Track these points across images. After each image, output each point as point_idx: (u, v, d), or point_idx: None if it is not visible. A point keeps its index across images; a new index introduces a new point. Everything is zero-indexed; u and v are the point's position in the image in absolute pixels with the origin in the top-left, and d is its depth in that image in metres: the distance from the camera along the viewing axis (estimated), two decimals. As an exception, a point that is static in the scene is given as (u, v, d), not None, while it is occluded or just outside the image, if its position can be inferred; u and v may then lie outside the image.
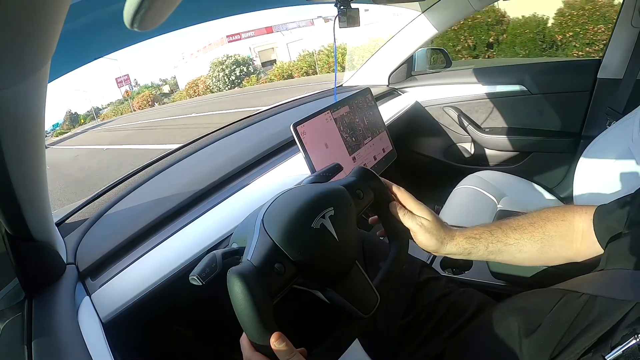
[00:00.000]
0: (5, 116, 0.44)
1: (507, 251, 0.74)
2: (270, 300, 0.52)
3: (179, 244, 0.91)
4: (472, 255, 0.75)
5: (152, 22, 0.31)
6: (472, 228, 0.77)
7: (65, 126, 31.66)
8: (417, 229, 0.73)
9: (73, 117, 32.92)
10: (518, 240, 0.73)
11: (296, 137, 1.06)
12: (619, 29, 1.70)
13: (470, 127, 2.10)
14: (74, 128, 30.75)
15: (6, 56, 0.34)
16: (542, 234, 0.73)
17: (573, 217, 0.72)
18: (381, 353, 0.85)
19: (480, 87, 2.06)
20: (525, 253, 0.74)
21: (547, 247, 0.73)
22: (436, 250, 0.75)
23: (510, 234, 0.74)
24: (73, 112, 33.45)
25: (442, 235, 0.74)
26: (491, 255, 0.75)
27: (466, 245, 0.74)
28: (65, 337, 0.65)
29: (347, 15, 1.33)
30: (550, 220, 0.73)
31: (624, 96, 1.66)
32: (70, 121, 32.62)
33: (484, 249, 0.74)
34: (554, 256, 0.74)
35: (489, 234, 0.75)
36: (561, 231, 0.72)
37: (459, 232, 0.76)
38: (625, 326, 0.50)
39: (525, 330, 0.62)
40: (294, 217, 0.59)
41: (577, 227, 0.72)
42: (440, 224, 0.75)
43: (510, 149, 2.06)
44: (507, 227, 0.75)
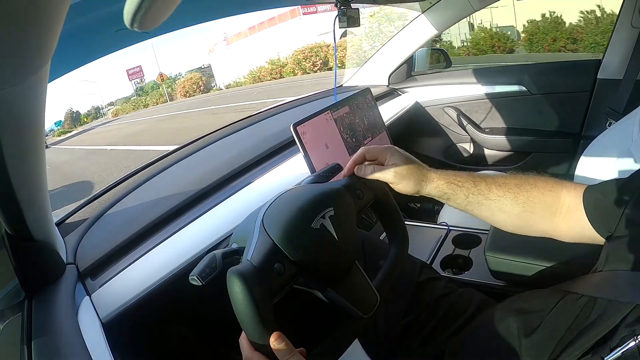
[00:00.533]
0: (6, 116, 0.44)
1: (487, 206, 0.72)
2: (270, 300, 0.52)
3: (179, 244, 0.91)
4: (450, 202, 0.74)
5: (152, 22, 0.31)
6: (455, 173, 0.74)
7: (66, 125, 30.46)
8: (391, 178, 0.71)
9: (75, 115, 31.72)
10: (500, 198, 0.71)
11: (296, 137, 1.06)
12: (619, 29, 1.70)
13: (470, 127, 2.10)
14: (84, 124, 29.31)
15: (6, 56, 0.34)
16: (526, 198, 0.70)
17: (561, 190, 0.70)
18: (381, 353, 0.85)
19: (480, 87, 2.06)
20: (505, 213, 0.72)
21: (527, 214, 0.71)
22: (416, 192, 0.73)
23: (493, 189, 0.72)
24: (75, 110, 31.78)
25: (419, 177, 0.72)
26: (469, 207, 0.73)
27: (446, 189, 0.72)
28: (65, 337, 0.65)
29: (347, 15, 1.33)
30: (537, 187, 0.71)
31: (624, 96, 1.66)
32: (72, 120, 31.40)
33: (464, 198, 0.72)
34: (533, 225, 0.72)
35: (472, 184, 0.72)
36: (546, 200, 0.70)
37: (440, 175, 0.73)
38: (624, 327, 0.50)
39: (525, 331, 0.62)
40: (294, 217, 0.59)
41: (563, 201, 0.70)
42: (415, 164, 0.73)
43: (510, 149, 2.06)
44: (492, 181, 0.73)
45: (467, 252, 1.23)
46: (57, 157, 11.44)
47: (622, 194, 0.62)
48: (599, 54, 1.84)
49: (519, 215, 0.71)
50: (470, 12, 1.88)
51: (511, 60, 8.60)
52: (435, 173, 0.74)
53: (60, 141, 19.40)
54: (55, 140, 19.77)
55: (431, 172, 0.74)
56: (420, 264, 0.93)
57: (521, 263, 0.97)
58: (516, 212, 0.71)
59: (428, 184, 0.73)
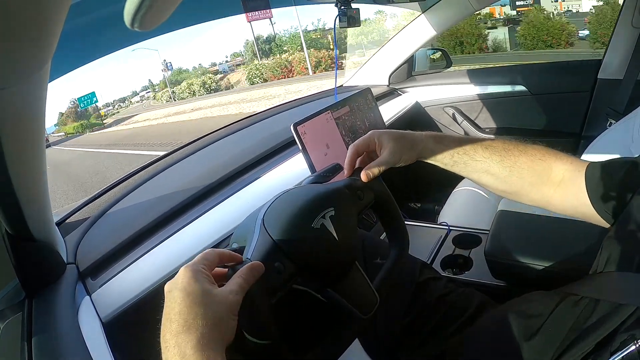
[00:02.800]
0: (6, 116, 0.44)
1: (473, 167, 0.73)
2: (268, 298, 0.52)
3: (180, 243, 0.91)
4: (437, 161, 0.75)
5: (152, 22, 0.31)
6: (442, 134, 0.76)
7: (69, 122, 29.93)
8: (391, 159, 0.72)
9: (79, 113, 31.26)
10: (486, 159, 0.72)
11: (296, 137, 1.06)
12: (620, 29, 1.70)
13: (471, 128, 2.10)
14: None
15: (6, 56, 0.34)
16: (513, 163, 0.71)
17: (554, 162, 0.70)
18: (381, 353, 0.85)
19: (481, 87, 2.06)
20: (491, 175, 0.72)
21: (515, 178, 0.71)
22: (416, 159, 0.75)
23: (479, 150, 0.73)
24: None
25: (410, 144, 0.73)
26: (456, 166, 0.74)
27: (433, 147, 0.74)
28: (65, 337, 0.65)
29: (348, 15, 1.33)
30: (527, 154, 0.71)
31: (625, 96, 1.66)
32: (76, 116, 30.95)
33: (450, 157, 0.74)
34: (522, 192, 0.73)
35: (458, 144, 0.74)
36: (535, 168, 0.70)
37: (426, 136, 0.75)
38: (624, 331, 0.50)
39: (526, 333, 0.62)
40: (294, 216, 0.59)
41: (556, 172, 0.69)
42: (402, 137, 0.74)
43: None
44: (478, 143, 0.74)
45: (467, 252, 1.23)
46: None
47: (628, 183, 0.62)
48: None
49: (506, 179, 0.72)
50: (471, 12, 1.88)
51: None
52: (421, 134, 0.75)
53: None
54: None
55: (416, 134, 0.75)
56: (421, 264, 0.93)
57: (521, 263, 0.97)
58: (503, 175, 0.71)
59: (420, 146, 0.74)
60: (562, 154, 0.71)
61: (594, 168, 0.67)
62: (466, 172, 0.75)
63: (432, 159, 0.75)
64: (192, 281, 0.46)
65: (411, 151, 0.73)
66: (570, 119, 1.89)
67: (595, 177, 0.65)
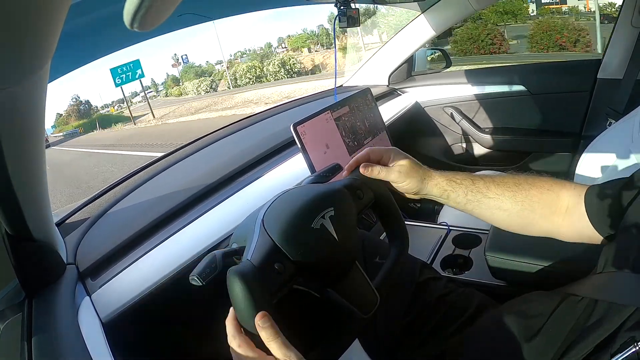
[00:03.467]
0: (6, 116, 0.44)
1: (486, 205, 0.73)
2: (269, 299, 0.52)
3: (179, 244, 0.91)
4: (450, 199, 0.75)
5: (152, 22, 0.31)
6: (454, 172, 0.76)
7: (71, 120, 28.49)
8: (396, 177, 0.73)
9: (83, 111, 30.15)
10: (499, 196, 0.72)
11: (296, 137, 1.06)
12: (619, 28, 1.70)
13: (470, 127, 2.10)
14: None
15: (6, 56, 0.34)
16: (525, 197, 0.71)
17: (560, 190, 0.70)
18: (381, 353, 0.85)
19: (480, 87, 2.06)
20: (504, 212, 0.72)
21: (527, 212, 0.71)
22: (418, 191, 0.74)
23: (491, 188, 0.73)
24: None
25: (421, 176, 0.74)
26: (469, 205, 0.74)
27: (446, 186, 0.74)
28: (65, 337, 0.65)
29: (347, 15, 1.33)
30: (536, 186, 0.72)
31: (624, 96, 1.66)
32: (79, 114, 29.90)
33: (463, 196, 0.73)
34: (533, 225, 0.73)
35: (471, 181, 0.74)
36: (545, 199, 0.71)
37: (440, 174, 0.75)
38: (624, 332, 0.50)
39: (527, 334, 0.62)
40: (294, 217, 0.59)
41: (562, 201, 0.70)
42: (417, 164, 0.75)
43: (510, 149, 2.06)
44: (490, 180, 0.74)
45: (467, 252, 1.23)
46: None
47: (623, 195, 0.63)
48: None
49: (518, 213, 0.72)
50: (470, 12, 1.88)
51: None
52: (436, 172, 0.75)
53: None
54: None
55: (431, 171, 0.75)
56: (421, 263, 0.93)
57: (521, 263, 0.97)
58: (516, 210, 0.71)
59: (429, 182, 0.74)
60: (567, 182, 0.72)
61: (592, 191, 0.68)
62: (479, 210, 0.75)
63: (445, 197, 0.75)
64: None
65: (417, 183, 0.74)
66: (569, 118, 1.89)
67: (593, 200, 0.66)
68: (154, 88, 35.01)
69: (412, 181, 0.73)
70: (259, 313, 0.50)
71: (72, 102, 30.89)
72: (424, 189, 0.74)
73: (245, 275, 0.50)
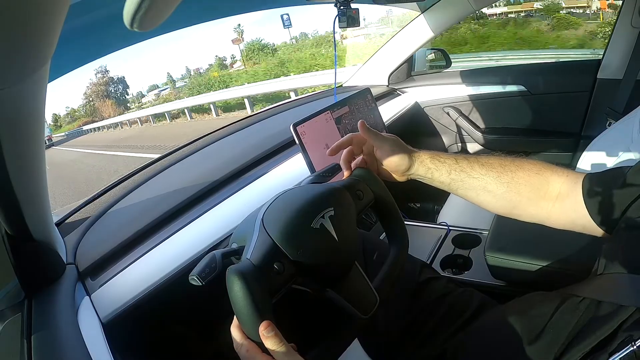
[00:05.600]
0: (5, 116, 0.44)
1: (470, 185, 0.73)
2: (269, 298, 0.52)
3: (179, 244, 0.91)
4: (434, 179, 0.75)
5: (151, 23, 0.31)
6: (438, 152, 0.77)
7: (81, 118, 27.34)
8: (380, 154, 0.74)
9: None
10: (483, 176, 0.72)
11: (296, 137, 1.06)
12: (619, 29, 1.70)
13: (470, 128, 2.10)
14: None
15: (6, 55, 0.34)
16: (510, 179, 0.70)
17: (551, 175, 0.70)
18: (381, 353, 0.85)
19: (480, 87, 2.06)
20: (489, 193, 0.72)
21: (512, 194, 0.71)
22: (407, 168, 0.75)
23: (476, 167, 0.73)
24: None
25: (405, 153, 0.74)
26: (453, 184, 0.74)
27: (430, 164, 0.74)
28: (64, 337, 0.65)
29: (347, 15, 1.33)
30: (523, 169, 0.71)
31: (624, 96, 1.66)
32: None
33: (447, 175, 0.74)
34: (519, 208, 0.72)
35: (454, 160, 0.74)
36: (532, 183, 0.70)
37: (425, 152, 0.76)
38: (622, 332, 0.50)
39: (529, 335, 0.62)
40: (293, 216, 0.59)
41: (553, 186, 0.69)
42: (401, 144, 0.76)
43: (510, 149, 2.05)
44: (474, 160, 0.74)
45: (467, 252, 1.23)
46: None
47: (624, 190, 0.62)
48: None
49: (503, 195, 0.71)
50: (470, 11, 1.88)
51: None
52: (419, 150, 0.76)
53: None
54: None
55: (415, 150, 0.76)
56: (420, 264, 0.93)
57: (521, 263, 0.97)
58: (501, 191, 0.71)
59: (416, 160, 0.75)
60: (558, 167, 0.71)
61: (590, 180, 0.67)
62: (463, 190, 0.74)
63: (429, 176, 0.75)
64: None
65: (402, 160, 0.74)
66: (569, 119, 1.89)
67: (592, 189, 0.66)
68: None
69: (397, 158, 0.73)
70: (263, 322, 0.50)
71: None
72: (412, 167, 0.75)
73: (244, 274, 0.50)
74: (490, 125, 2.11)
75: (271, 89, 10.81)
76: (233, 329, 0.54)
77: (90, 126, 23.47)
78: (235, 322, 0.53)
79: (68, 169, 10.16)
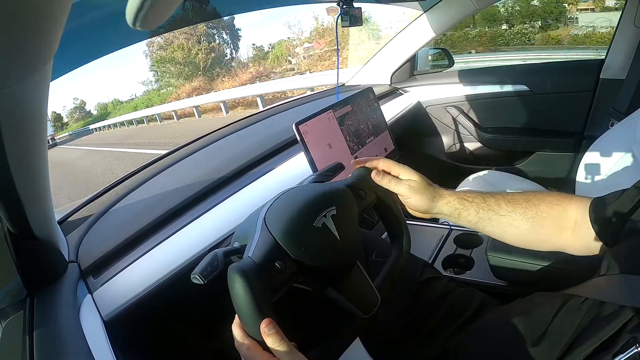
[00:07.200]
0: (8, 114, 0.44)
1: (498, 222, 0.73)
2: (270, 296, 0.52)
3: (181, 242, 0.91)
4: (461, 218, 0.75)
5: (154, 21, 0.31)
6: (464, 191, 0.76)
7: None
8: (406, 191, 0.73)
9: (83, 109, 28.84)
10: (510, 213, 0.72)
11: (298, 136, 1.06)
12: (622, 29, 1.69)
13: (472, 127, 2.10)
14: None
15: (8, 54, 0.34)
16: (535, 213, 0.72)
17: (568, 204, 0.71)
18: (382, 352, 0.85)
19: (482, 87, 2.06)
20: (515, 229, 0.73)
21: (537, 228, 0.72)
22: (428, 209, 0.74)
23: (502, 205, 0.73)
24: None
25: (432, 194, 0.74)
26: (481, 223, 0.74)
27: (458, 205, 0.74)
28: (66, 335, 0.66)
29: (350, 14, 1.33)
30: (545, 202, 0.72)
31: (627, 96, 1.65)
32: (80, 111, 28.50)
33: (475, 213, 0.74)
34: (544, 240, 0.73)
35: (482, 200, 0.74)
36: (554, 214, 0.71)
37: (450, 192, 0.76)
38: (626, 333, 0.50)
39: (532, 336, 0.62)
40: (295, 215, 0.59)
41: (570, 215, 0.71)
42: (428, 182, 0.75)
43: (512, 149, 2.06)
44: (500, 197, 0.75)
45: (468, 251, 1.23)
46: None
47: (625, 203, 0.64)
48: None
49: (529, 229, 0.72)
50: (473, 11, 1.88)
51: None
52: (446, 191, 0.76)
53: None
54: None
55: (442, 189, 0.76)
56: (422, 263, 0.93)
57: (523, 263, 0.97)
58: (526, 227, 0.72)
59: (440, 201, 0.74)
60: (574, 196, 0.73)
61: (596, 202, 0.69)
62: (490, 227, 0.75)
63: (456, 216, 0.75)
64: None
65: (427, 200, 0.74)
66: (572, 118, 1.89)
67: (598, 211, 0.67)
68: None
69: (422, 198, 0.73)
70: (264, 320, 0.50)
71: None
72: (434, 207, 0.74)
73: (246, 273, 0.50)
74: (493, 125, 2.11)
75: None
76: (234, 328, 0.54)
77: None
78: (237, 321, 0.53)
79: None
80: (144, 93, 26.73)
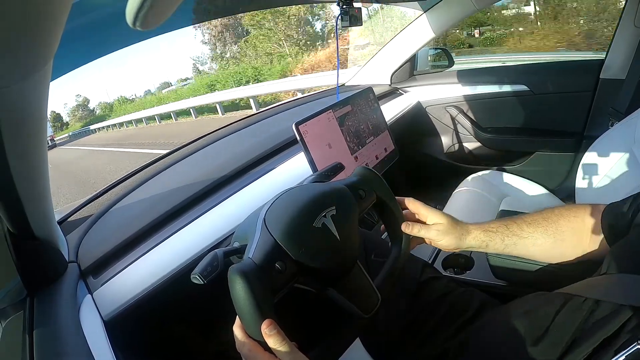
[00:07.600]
0: (8, 114, 0.44)
1: (522, 244, 0.77)
2: (270, 297, 0.52)
3: (181, 242, 0.91)
4: (489, 248, 0.78)
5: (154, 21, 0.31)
6: (488, 222, 0.80)
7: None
8: (436, 235, 0.76)
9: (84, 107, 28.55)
10: (532, 234, 0.76)
11: (298, 136, 1.06)
12: (622, 29, 1.69)
13: (472, 127, 2.10)
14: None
15: (8, 54, 0.34)
16: (555, 229, 0.75)
17: (585, 215, 0.74)
18: (382, 352, 0.85)
19: (483, 87, 2.06)
20: (538, 246, 0.76)
21: (559, 242, 0.75)
22: (457, 246, 0.78)
23: (524, 228, 0.77)
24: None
25: (459, 233, 0.77)
26: (507, 249, 0.78)
27: (484, 237, 0.78)
28: (66, 336, 0.66)
29: (350, 14, 1.33)
30: (563, 216, 0.76)
31: (627, 96, 1.65)
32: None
33: (500, 242, 0.77)
34: (565, 252, 0.77)
35: (505, 227, 0.78)
36: (573, 227, 0.75)
37: (476, 226, 0.79)
38: (626, 331, 0.50)
39: (531, 336, 0.62)
40: (295, 215, 0.59)
41: (587, 224, 0.74)
42: (455, 221, 0.78)
43: (512, 149, 2.05)
44: (521, 221, 0.78)
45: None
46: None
47: (633, 206, 0.66)
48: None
49: (552, 245, 0.76)
50: (473, 11, 1.88)
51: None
52: (472, 225, 0.80)
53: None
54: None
55: (468, 225, 0.80)
56: (422, 263, 0.93)
57: (522, 263, 0.96)
58: (549, 243, 0.76)
59: (467, 237, 0.78)
60: (589, 205, 0.77)
61: (608, 209, 0.72)
62: (517, 250, 0.79)
63: (484, 247, 0.79)
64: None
65: (456, 239, 0.78)
66: (572, 118, 1.89)
67: (609, 218, 0.71)
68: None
69: (451, 239, 0.77)
70: (265, 321, 0.50)
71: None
72: (463, 244, 0.78)
73: (246, 273, 0.50)
74: (493, 124, 2.11)
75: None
76: (235, 329, 0.54)
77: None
78: (238, 322, 0.53)
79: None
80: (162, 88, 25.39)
